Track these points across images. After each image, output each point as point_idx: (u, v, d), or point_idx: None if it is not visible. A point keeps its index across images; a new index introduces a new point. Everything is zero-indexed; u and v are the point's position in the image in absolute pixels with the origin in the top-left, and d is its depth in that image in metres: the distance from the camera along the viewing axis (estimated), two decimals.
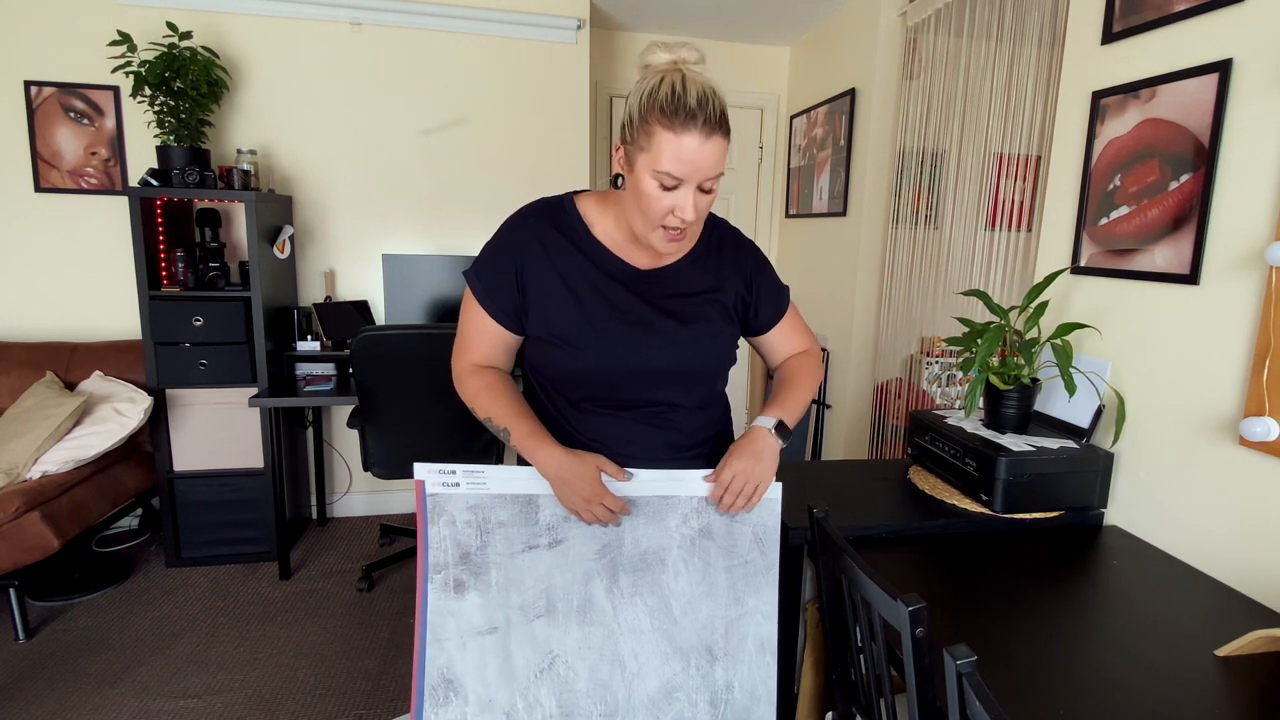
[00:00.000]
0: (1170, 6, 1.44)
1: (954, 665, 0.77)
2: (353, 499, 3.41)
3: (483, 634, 1.07)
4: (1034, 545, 1.44)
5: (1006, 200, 2.18)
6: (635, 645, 1.08)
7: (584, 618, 1.08)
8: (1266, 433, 1.22)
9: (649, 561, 1.09)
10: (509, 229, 1.12)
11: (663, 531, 1.09)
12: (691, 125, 0.94)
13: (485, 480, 1.07)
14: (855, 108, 3.11)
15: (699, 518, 1.09)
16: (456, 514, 1.07)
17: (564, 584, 1.08)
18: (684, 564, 1.09)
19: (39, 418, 2.43)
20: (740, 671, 1.09)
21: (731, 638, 1.09)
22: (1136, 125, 1.52)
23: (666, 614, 1.08)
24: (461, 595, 1.07)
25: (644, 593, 1.08)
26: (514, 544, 1.08)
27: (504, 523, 1.08)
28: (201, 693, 2.05)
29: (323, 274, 3.20)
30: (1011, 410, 1.61)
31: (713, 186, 1.00)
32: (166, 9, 2.86)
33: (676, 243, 1.04)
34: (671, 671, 1.08)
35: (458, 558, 1.07)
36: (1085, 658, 1.05)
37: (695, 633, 1.09)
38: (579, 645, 1.08)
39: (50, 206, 2.94)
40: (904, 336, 2.85)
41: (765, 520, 1.10)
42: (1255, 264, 1.28)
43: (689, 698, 1.08)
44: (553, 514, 1.08)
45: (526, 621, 1.07)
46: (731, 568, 1.10)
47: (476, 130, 3.27)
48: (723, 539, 1.10)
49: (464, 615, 1.07)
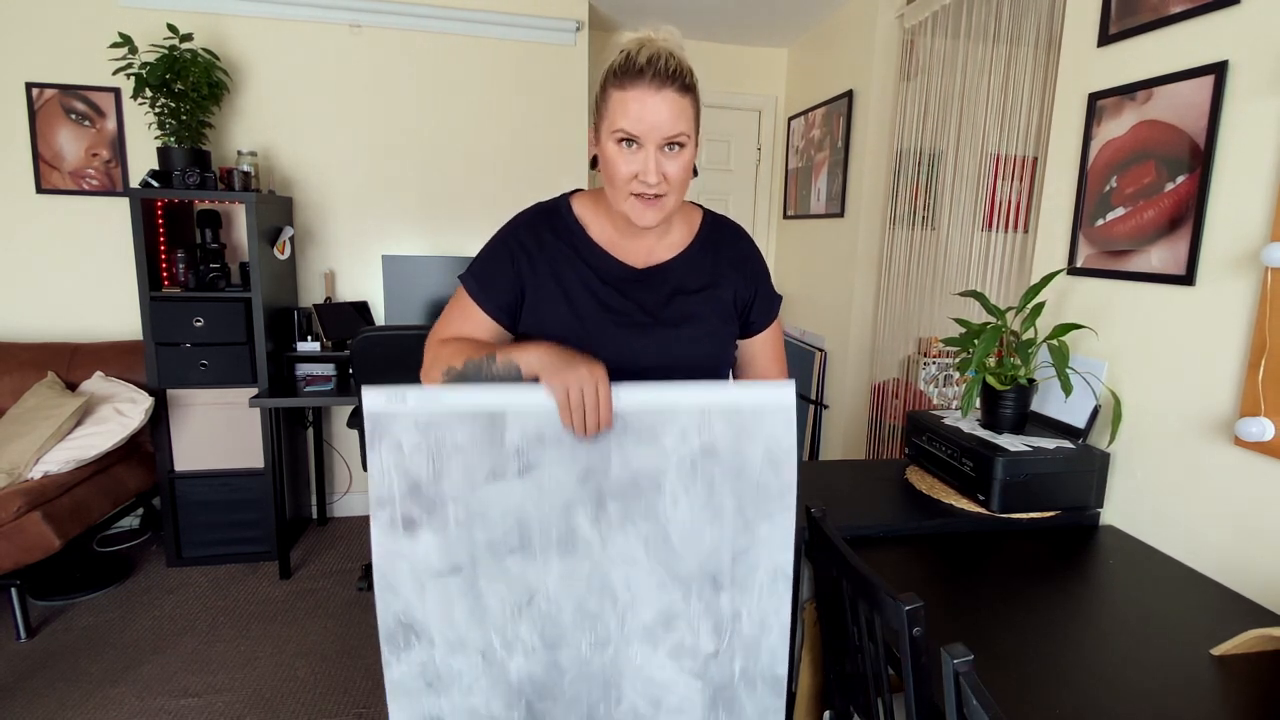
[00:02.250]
0: (1166, 8, 1.45)
1: (951, 664, 0.78)
2: (353, 499, 3.42)
3: (444, 575, 0.92)
4: (1031, 545, 1.44)
5: (1003, 201, 2.19)
6: (628, 574, 0.95)
7: (566, 550, 0.94)
8: (1261, 433, 1.22)
9: (642, 486, 0.93)
10: (506, 233, 1.12)
11: (658, 452, 0.93)
12: (640, 80, 0.94)
13: (440, 397, 0.90)
14: (853, 109, 3.12)
15: (701, 433, 0.92)
16: (402, 436, 0.89)
17: (540, 516, 0.93)
18: (684, 489, 0.93)
19: (40, 418, 2.44)
20: (749, 601, 0.96)
21: (739, 567, 0.95)
22: (1133, 127, 1.53)
23: (664, 543, 0.95)
24: (413, 534, 0.91)
25: (636, 520, 0.94)
26: (475, 474, 0.91)
27: (461, 447, 0.90)
28: (202, 691, 2.05)
29: (323, 275, 3.21)
30: (1008, 410, 1.61)
31: (677, 146, 0.98)
32: (167, 11, 2.87)
33: (650, 210, 1.01)
34: (670, 599, 0.95)
35: (405, 489, 0.90)
36: (1081, 656, 1.05)
37: (697, 562, 0.95)
38: (561, 578, 0.94)
39: (51, 208, 2.95)
40: (901, 337, 2.86)
41: (779, 434, 0.93)
42: (1251, 265, 1.29)
43: (690, 625, 0.96)
44: (522, 434, 0.91)
45: (497, 559, 0.93)
46: (740, 491, 0.94)
47: (476, 132, 3.28)
48: (729, 458, 0.93)
49: (418, 556, 0.92)
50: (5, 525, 2.18)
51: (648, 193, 0.99)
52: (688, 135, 0.99)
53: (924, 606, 0.91)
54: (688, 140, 1.00)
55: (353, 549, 3.03)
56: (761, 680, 0.98)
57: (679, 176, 1.01)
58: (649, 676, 0.97)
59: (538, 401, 0.91)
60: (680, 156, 1.00)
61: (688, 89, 0.98)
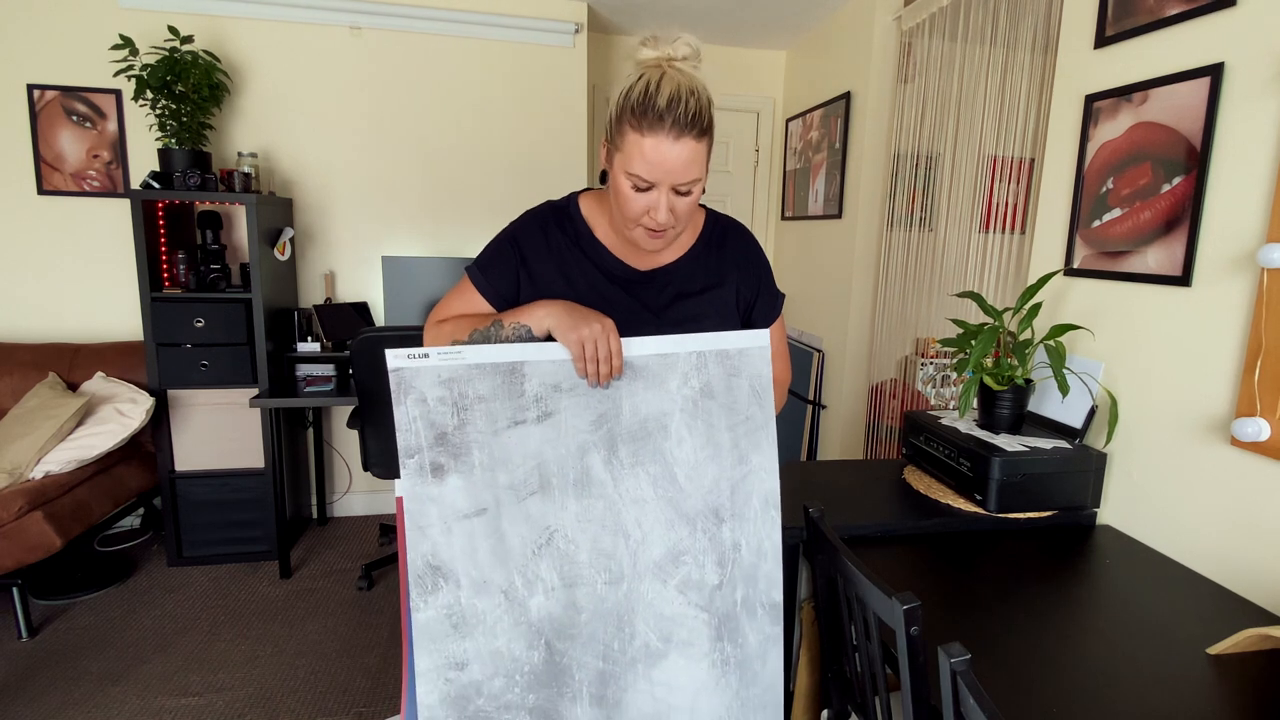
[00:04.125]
0: (1162, 11, 1.46)
1: (948, 663, 0.78)
2: (352, 499, 3.43)
3: (469, 517, 1.00)
4: (1027, 545, 1.45)
5: (1000, 203, 2.20)
6: (638, 514, 1.03)
7: (582, 491, 1.02)
8: (1257, 433, 1.23)
9: (649, 429, 1.02)
10: (514, 228, 1.14)
11: (664, 395, 1.02)
12: (659, 128, 0.93)
13: (461, 353, 0.98)
14: (850, 111, 3.12)
15: (699, 375, 1.03)
16: (427, 390, 0.97)
17: (557, 459, 1.01)
18: (687, 429, 1.03)
19: (42, 418, 2.45)
20: (747, 530, 1.05)
21: (737, 498, 1.05)
22: (1129, 128, 1.54)
23: (671, 482, 1.03)
24: (441, 479, 0.98)
25: (645, 462, 1.03)
26: (497, 420, 0.99)
27: (484, 397, 0.98)
28: (203, 690, 2.06)
29: (323, 276, 3.22)
30: (1005, 411, 1.62)
31: (690, 189, 1.00)
32: (168, 13, 2.88)
33: (657, 240, 1.05)
34: (677, 537, 1.04)
35: (432, 439, 0.98)
36: (1078, 656, 1.06)
37: (701, 498, 1.04)
38: (578, 518, 1.02)
39: (53, 209, 2.96)
40: (899, 338, 2.86)
41: (759, 370, 1.05)
42: (1246, 266, 1.29)
43: (696, 560, 1.04)
44: (540, 384, 1.00)
45: (518, 500, 1.00)
46: (734, 425, 1.04)
47: (475, 133, 3.28)
48: (723, 396, 1.04)
49: (445, 500, 0.99)
50: (7, 525, 2.19)
51: (656, 228, 1.02)
52: (700, 178, 1.01)
53: (921, 606, 0.91)
54: (699, 181, 1.01)
55: (353, 548, 3.04)
56: (760, 606, 1.06)
57: (687, 212, 1.03)
58: (660, 611, 1.04)
59: (553, 355, 1.00)
60: (692, 195, 1.02)
61: (705, 132, 0.98)
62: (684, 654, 1.05)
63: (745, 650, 1.06)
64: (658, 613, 1.04)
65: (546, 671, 1.02)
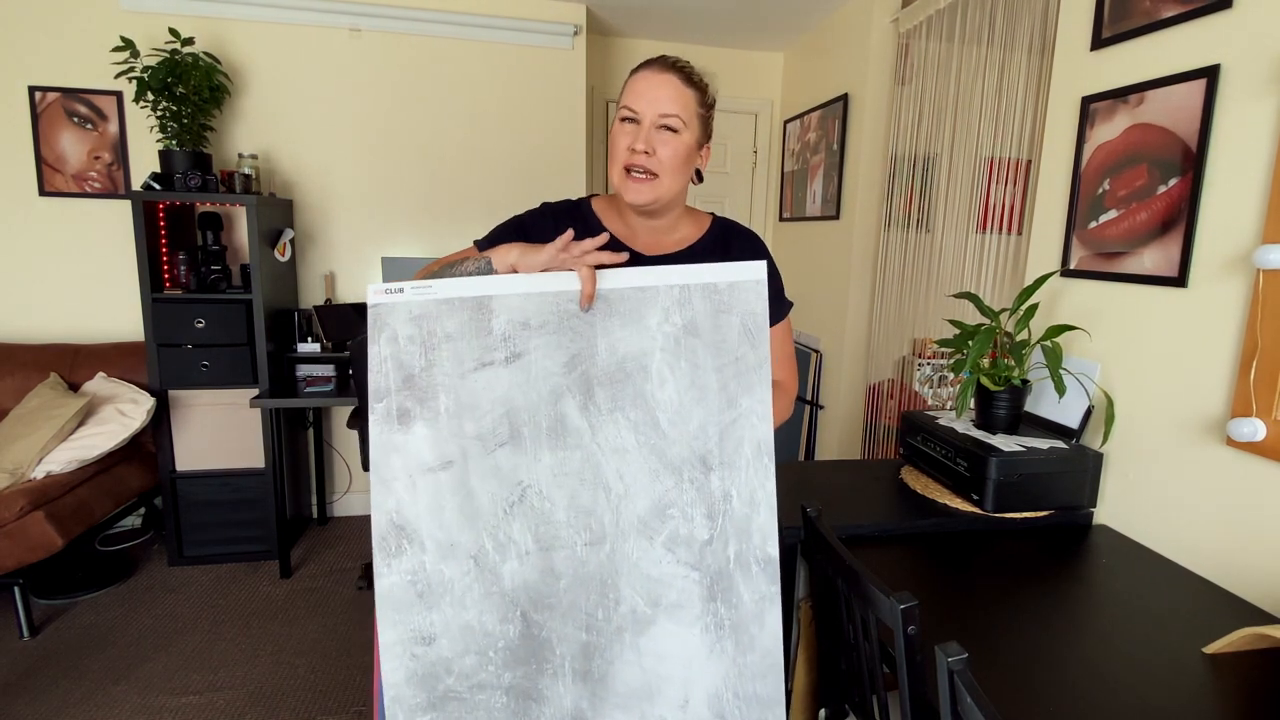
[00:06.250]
0: (1159, 12, 1.47)
1: (945, 662, 0.79)
2: (352, 499, 3.43)
3: (435, 470, 0.93)
4: (1024, 544, 1.46)
5: (997, 204, 2.20)
6: (619, 465, 0.94)
7: (556, 441, 0.94)
8: (1253, 433, 1.24)
9: (628, 370, 0.94)
10: (524, 215, 1.18)
11: (642, 333, 0.95)
12: (649, 66, 1.06)
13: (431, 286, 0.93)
14: (848, 113, 3.13)
15: (683, 310, 0.95)
16: (399, 328, 0.92)
17: (528, 405, 0.93)
18: (669, 369, 0.95)
19: (43, 418, 2.45)
20: (738, 479, 0.96)
21: (727, 444, 0.96)
22: (1125, 130, 1.55)
23: (653, 428, 0.95)
24: (407, 426, 0.92)
25: (625, 407, 0.94)
26: (464, 361, 0.93)
27: (451, 335, 0.93)
28: (203, 689, 2.07)
29: (323, 276, 3.22)
30: (1002, 411, 1.63)
31: (673, 128, 1.05)
32: (169, 15, 2.88)
33: (641, 187, 1.07)
34: (663, 488, 0.95)
35: (400, 381, 0.92)
36: (1075, 655, 1.07)
37: (687, 444, 0.96)
38: (553, 472, 0.94)
39: (54, 210, 2.96)
40: (896, 338, 2.87)
41: (753, 306, 0.96)
42: (1242, 267, 1.30)
43: (684, 513, 0.96)
44: (509, 321, 0.93)
45: (487, 453, 0.93)
46: (722, 367, 0.96)
47: (475, 135, 3.29)
48: (710, 335, 0.96)
49: (410, 450, 0.93)
50: (8, 525, 2.19)
51: (638, 165, 1.05)
52: (683, 121, 1.05)
53: (918, 605, 0.92)
54: (682, 127, 1.05)
55: (353, 548, 3.05)
56: (755, 562, 0.97)
57: (670, 160, 1.06)
58: (646, 573, 0.96)
59: (522, 287, 0.95)
60: (673, 141, 1.05)
61: (692, 83, 1.06)
62: (674, 619, 0.96)
63: (740, 612, 0.97)
64: (644, 574, 0.96)
65: (523, 646, 0.94)
